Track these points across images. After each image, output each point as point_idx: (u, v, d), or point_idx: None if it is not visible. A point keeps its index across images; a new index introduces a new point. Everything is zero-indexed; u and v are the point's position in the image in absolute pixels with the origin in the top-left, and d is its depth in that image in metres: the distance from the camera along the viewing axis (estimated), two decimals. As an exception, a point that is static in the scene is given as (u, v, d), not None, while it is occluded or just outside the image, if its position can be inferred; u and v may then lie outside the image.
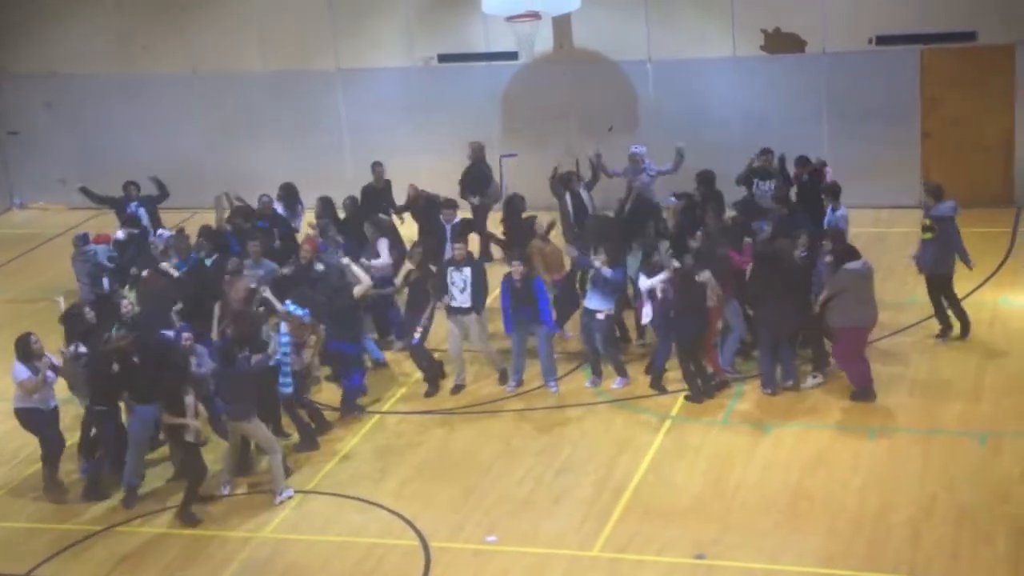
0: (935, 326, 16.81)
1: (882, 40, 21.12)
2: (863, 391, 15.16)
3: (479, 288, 16.08)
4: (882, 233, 20.05)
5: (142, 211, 19.80)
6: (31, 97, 25.07)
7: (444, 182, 19.40)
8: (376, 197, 19.34)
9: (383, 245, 17.51)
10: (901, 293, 17.82)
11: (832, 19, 21.24)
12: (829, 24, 21.28)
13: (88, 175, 22.99)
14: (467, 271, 16.02)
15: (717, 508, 13.36)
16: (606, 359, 16.19)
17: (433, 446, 15.19)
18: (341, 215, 18.85)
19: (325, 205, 18.59)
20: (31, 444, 15.60)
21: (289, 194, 19.35)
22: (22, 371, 14.33)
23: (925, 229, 16.42)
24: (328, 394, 16.22)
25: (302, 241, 17.45)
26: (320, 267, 16.73)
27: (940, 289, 16.53)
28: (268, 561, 13.20)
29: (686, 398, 15.65)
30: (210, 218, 19.31)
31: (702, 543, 12.74)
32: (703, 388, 15.60)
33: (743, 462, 14.19)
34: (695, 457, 14.41)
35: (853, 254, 15.06)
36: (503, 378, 16.40)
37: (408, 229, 19.26)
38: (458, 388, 16.38)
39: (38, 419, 14.53)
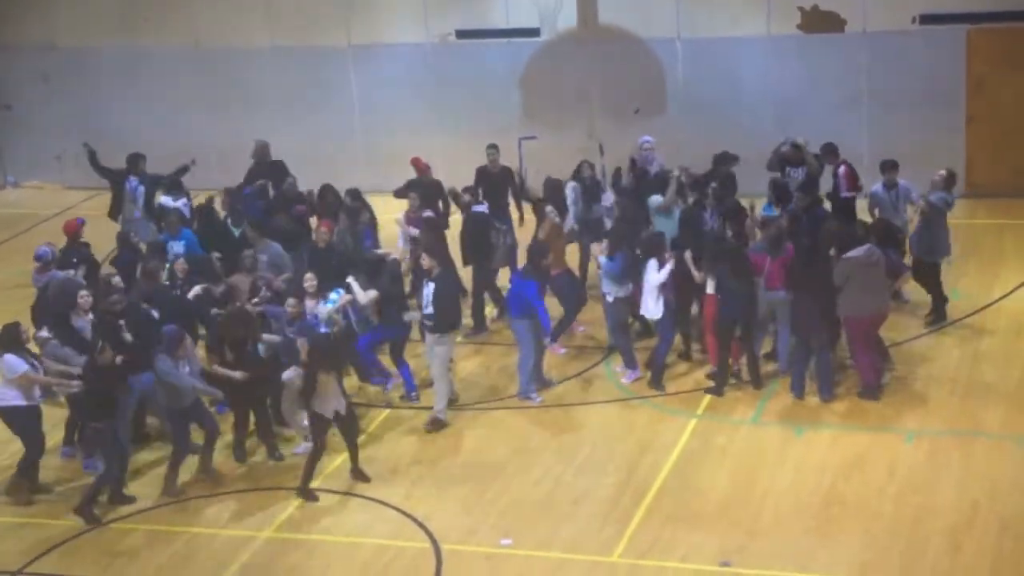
0: (977, 323, 16.87)
1: (926, 19, 21.08)
2: (869, 389, 15.23)
3: (441, 305, 15.18)
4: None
5: (141, 189, 19.82)
6: (27, 70, 25.14)
7: (460, 164, 19.38)
8: (491, 182, 18.72)
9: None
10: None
11: (873, -3, 21.22)
12: (870, 2, 21.23)
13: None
14: (430, 286, 15.24)
15: (744, 513, 13.35)
16: (616, 348, 16.30)
17: (446, 443, 15.20)
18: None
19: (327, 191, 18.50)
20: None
21: (278, 171, 19.27)
22: (18, 363, 14.13)
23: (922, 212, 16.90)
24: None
25: (317, 224, 17.44)
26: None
27: (931, 275, 16.92)
28: (270, 562, 13.22)
29: (707, 391, 15.68)
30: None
31: (728, 549, 12.72)
32: (752, 376, 15.68)
33: (773, 464, 14.18)
34: (722, 458, 14.41)
35: (856, 241, 15.12)
36: (438, 418, 15.42)
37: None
38: (435, 422, 15.40)
39: (25, 416, 14.34)
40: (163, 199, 19.39)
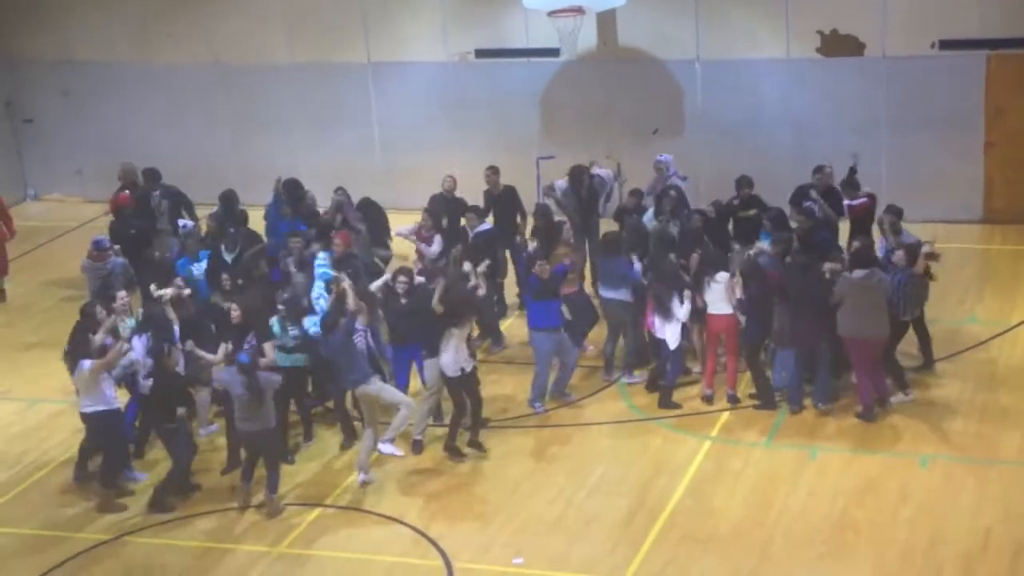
0: (994, 348, 16.85)
1: (946, 45, 21.03)
2: (867, 411, 15.31)
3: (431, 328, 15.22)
4: (940, 249, 19.92)
5: (164, 203, 19.82)
6: (47, 84, 25.26)
7: (478, 183, 19.42)
8: (495, 204, 18.82)
9: (437, 239, 17.79)
10: (959, 313, 17.78)
11: (893, 21, 21.16)
12: (890, 27, 21.21)
13: (105, 166, 23.21)
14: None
15: (757, 536, 13.34)
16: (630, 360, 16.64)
17: (461, 461, 15.21)
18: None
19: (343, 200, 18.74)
20: (36, 449, 15.87)
21: (294, 190, 19.39)
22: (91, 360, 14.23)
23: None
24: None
25: (333, 235, 17.45)
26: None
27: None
28: (283, 578, 13.29)
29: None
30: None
31: (740, 573, 12.73)
32: (765, 398, 15.76)
33: (786, 488, 14.16)
34: (735, 481, 14.40)
35: (859, 263, 15.20)
36: (416, 447, 15.35)
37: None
38: (417, 444, 15.42)
39: (112, 420, 14.39)
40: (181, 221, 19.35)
